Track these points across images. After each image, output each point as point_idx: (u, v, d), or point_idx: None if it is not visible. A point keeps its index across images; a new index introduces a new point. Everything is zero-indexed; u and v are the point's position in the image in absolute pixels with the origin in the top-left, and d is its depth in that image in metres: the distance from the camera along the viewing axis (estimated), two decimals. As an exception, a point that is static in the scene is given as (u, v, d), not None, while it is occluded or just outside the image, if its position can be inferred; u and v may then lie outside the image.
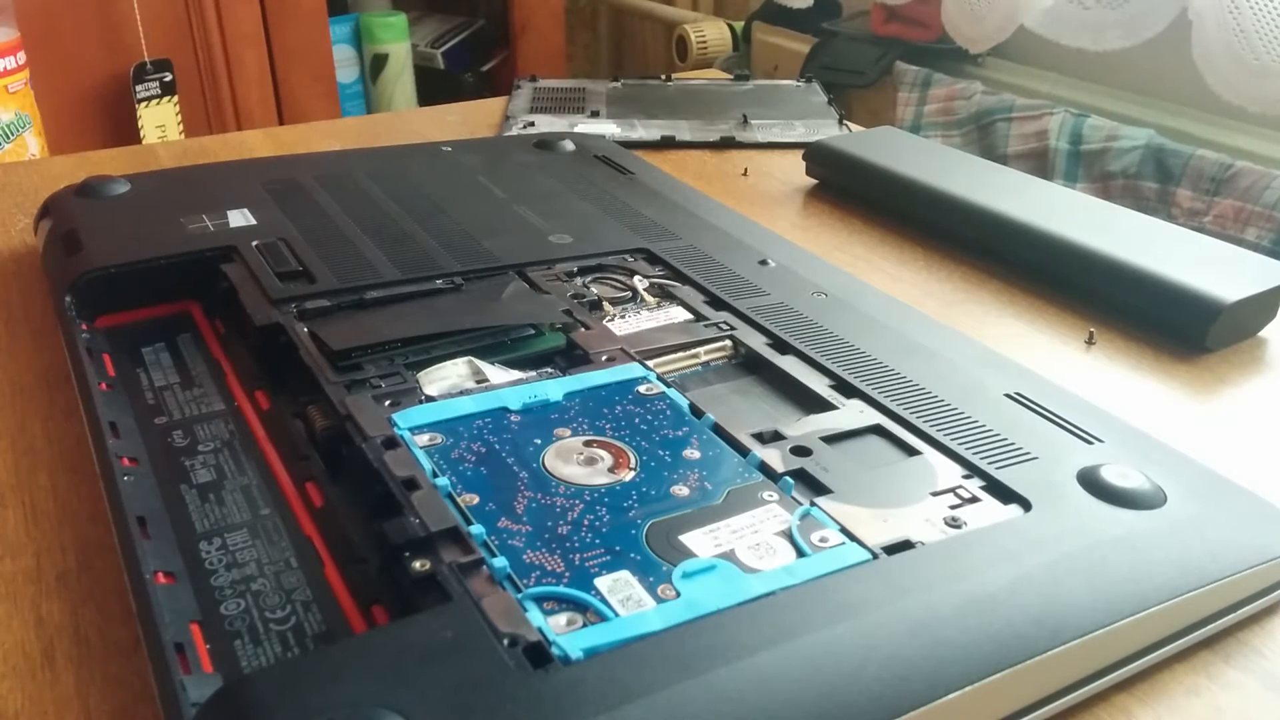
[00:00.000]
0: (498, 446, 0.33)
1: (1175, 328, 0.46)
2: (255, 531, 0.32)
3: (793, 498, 0.31)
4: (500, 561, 0.27)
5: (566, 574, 0.28)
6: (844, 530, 0.30)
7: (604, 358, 0.39)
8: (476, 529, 0.29)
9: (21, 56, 1.13)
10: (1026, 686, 0.26)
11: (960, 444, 0.34)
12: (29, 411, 0.40)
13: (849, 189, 0.63)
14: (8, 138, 1.10)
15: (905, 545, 0.29)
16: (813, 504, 0.31)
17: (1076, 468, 0.32)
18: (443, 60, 1.67)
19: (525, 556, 0.28)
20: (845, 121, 0.75)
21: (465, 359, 0.38)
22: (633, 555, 0.28)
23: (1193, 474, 0.33)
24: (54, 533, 0.34)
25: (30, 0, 1.18)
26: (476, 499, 0.30)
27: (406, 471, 0.31)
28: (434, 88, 1.65)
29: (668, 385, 0.37)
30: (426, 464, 0.31)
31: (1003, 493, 0.31)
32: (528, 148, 0.63)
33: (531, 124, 0.73)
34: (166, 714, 0.25)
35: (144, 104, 1.28)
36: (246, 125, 1.38)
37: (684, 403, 0.36)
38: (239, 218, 0.49)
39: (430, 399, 0.36)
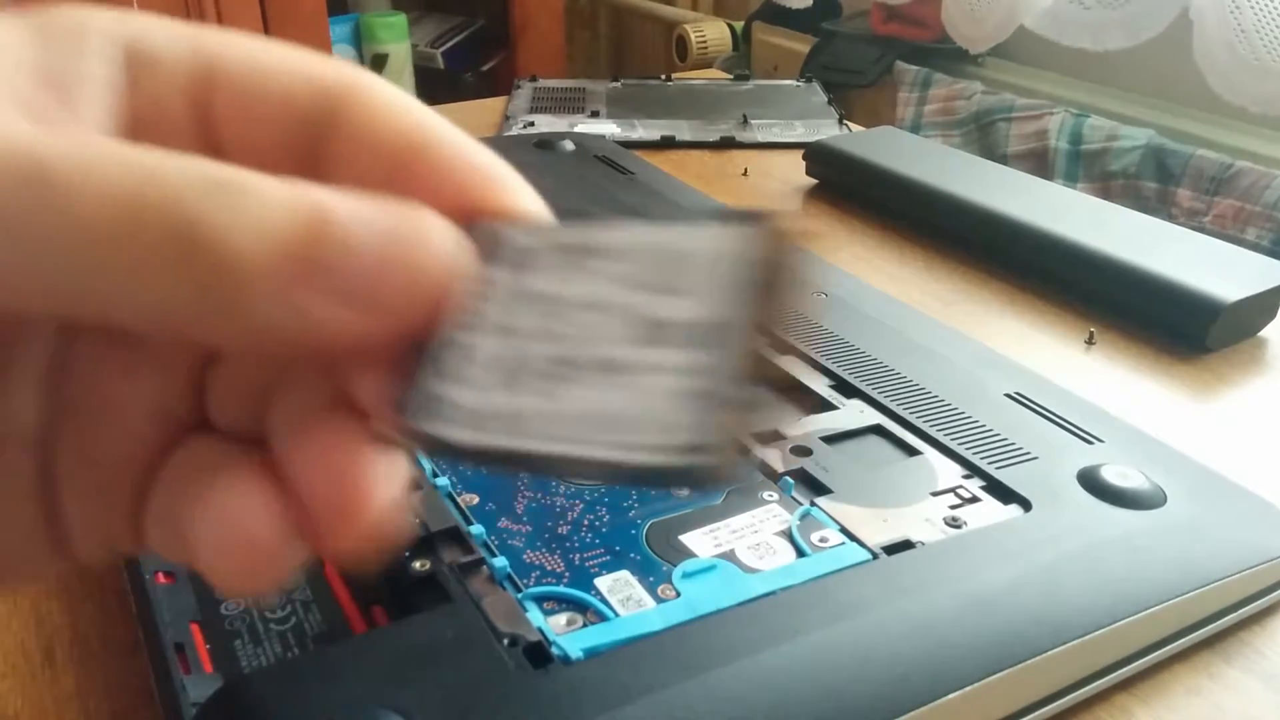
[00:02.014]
0: (498, 446, 0.33)
1: (1175, 328, 0.46)
2: (255, 531, 0.31)
3: (793, 498, 0.31)
4: (500, 561, 0.27)
5: (566, 574, 0.28)
6: (844, 530, 0.30)
7: (604, 358, 0.39)
8: (476, 529, 0.29)
9: (21, 56, 1.13)
10: (1026, 686, 0.26)
11: (960, 444, 0.34)
12: (29, 411, 0.40)
13: (849, 189, 0.63)
14: (8, 138, 1.10)
15: (905, 545, 0.29)
16: (813, 504, 0.31)
17: (1076, 468, 0.32)
18: (443, 60, 1.67)
19: (525, 556, 0.28)
20: (845, 121, 0.75)
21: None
22: (633, 555, 0.28)
23: (1193, 474, 0.33)
24: (54, 533, 0.34)
25: (30, 0, 1.18)
26: (476, 499, 0.30)
27: (406, 471, 0.31)
28: (434, 88, 1.65)
29: (668, 385, 0.37)
30: (426, 463, 0.31)
31: (1003, 493, 0.31)
32: (528, 148, 0.63)
33: (531, 124, 0.73)
34: (166, 714, 0.25)
35: (144, 104, 1.28)
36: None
37: (684, 403, 0.36)
38: (239, 218, 0.49)
39: (430, 399, 0.36)
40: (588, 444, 0.13)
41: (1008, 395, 0.37)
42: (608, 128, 0.72)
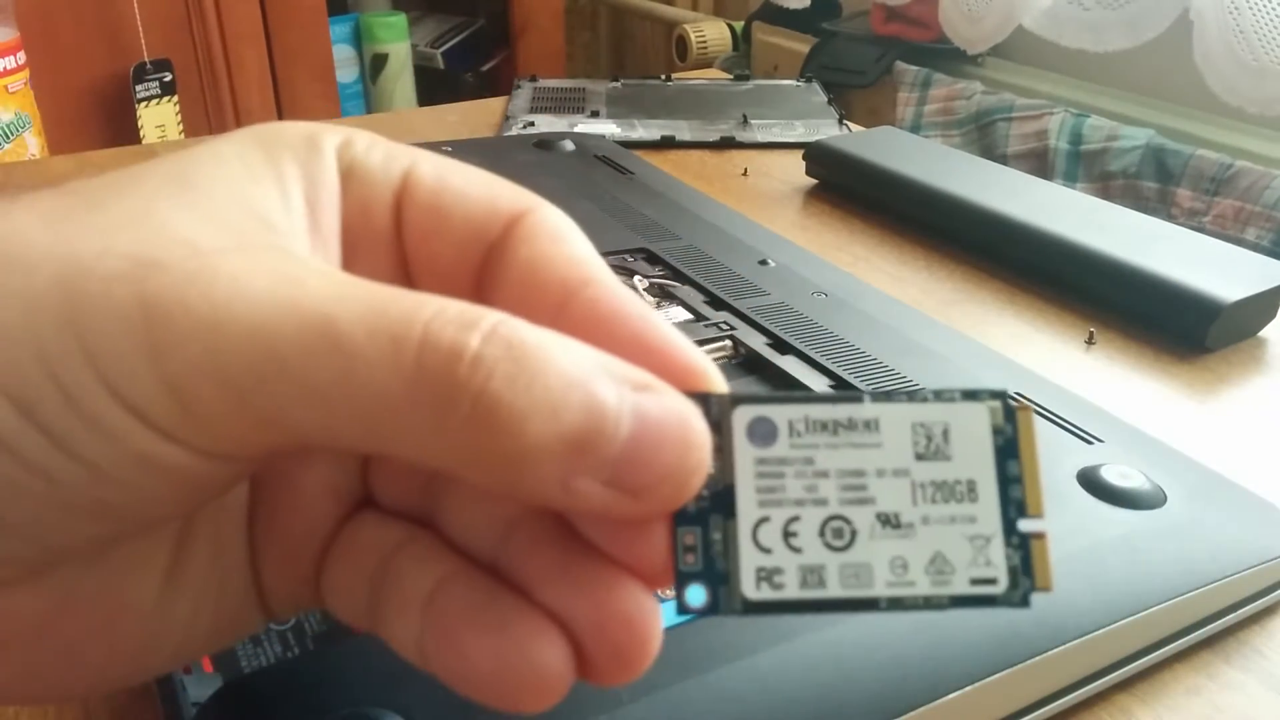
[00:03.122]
0: (498, 446, 0.33)
1: (1175, 328, 0.46)
2: (255, 531, 0.31)
3: (793, 498, 0.31)
4: (500, 561, 0.27)
5: (566, 574, 0.27)
6: (844, 530, 0.29)
7: (604, 358, 0.39)
8: (476, 529, 0.29)
9: (21, 56, 1.13)
10: (1026, 686, 0.26)
11: (960, 444, 0.33)
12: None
13: (849, 189, 0.63)
14: (8, 138, 1.10)
15: (905, 545, 0.29)
16: (813, 504, 0.31)
17: (1076, 467, 0.32)
18: (443, 60, 1.68)
19: (525, 556, 0.28)
20: (845, 121, 0.75)
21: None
22: (633, 555, 0.28)
23: (1193, 474, 0.33)
24: (54, 532, 0.34)
25: (30, 0, 1.18)
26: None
27: (406, 471, 0.31)
28: (434, 87, 1.65)
29: (668, 385, 0.37)
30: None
31: (1003, 493, 0.31)
32: (528, 148, 0.63)
33: (531, 124, 0.73)
34: (166, 714, 0.25)
35: (144, 104, 1.28)
36: (246, 125, 1.38)
37: (684, 403, 0.36)
38: (239, 218, 0.49)
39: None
40: (908, 585, 0.16)
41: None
42: (608, 128, 0.72)
